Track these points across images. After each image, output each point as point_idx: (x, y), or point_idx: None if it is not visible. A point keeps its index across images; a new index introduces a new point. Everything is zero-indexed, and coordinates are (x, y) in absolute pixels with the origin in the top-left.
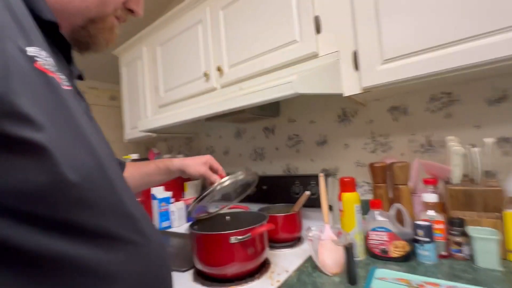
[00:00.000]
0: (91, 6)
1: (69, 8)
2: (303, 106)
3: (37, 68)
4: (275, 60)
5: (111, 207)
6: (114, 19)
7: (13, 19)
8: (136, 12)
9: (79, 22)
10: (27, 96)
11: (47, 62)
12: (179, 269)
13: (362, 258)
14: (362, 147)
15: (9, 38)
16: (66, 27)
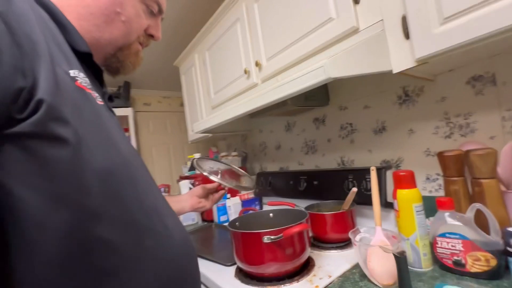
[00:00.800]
0: (119, 37)
1: (100, 41)
2: (354, 91)
3: (77, 86)
4: (311, 45)
5: (135, 201)
6: (138, 44)
7: (58, 49)
8: (156, 36)
9: (110, 51)
10: (69, 106)
11: (85, 81)
12: (224, 263)
13: (427, 269)
14: (432, 132)
15: (58, 64)
16: (99, 56)
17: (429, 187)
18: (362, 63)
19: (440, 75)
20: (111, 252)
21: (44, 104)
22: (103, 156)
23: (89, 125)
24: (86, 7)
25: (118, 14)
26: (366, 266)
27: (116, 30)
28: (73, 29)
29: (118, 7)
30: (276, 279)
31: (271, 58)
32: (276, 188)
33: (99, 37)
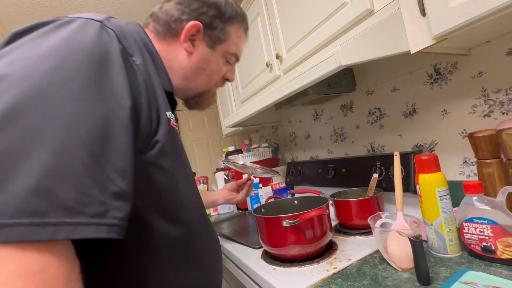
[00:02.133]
0: (201, 86)
1: (185, 88)
2: (381, 73)
3: (171, 125)
4: (327, 33)
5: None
6: (215, 88)
7: (162, 95)
8: (231, 79)
9: (191, 94)
10: (169, 144)
11: (173, 119)
12: (253, 246)
13: (454, 255)
14: (468, 112)
15: (164, 108)
16: (180, 95)
17: (467, 171)
18: (376, 46)
19: (475, 48)
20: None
21: (159, 143)
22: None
23: (177, 156)
24: (179, 64)
25: (204, 70)
26: (385, 250)
27: (200, 82)
28: (165, 72)
29: (204, 64)
30: (297, 260)
31: (291, 49)
32: (306, 177)
33: (185, 85)
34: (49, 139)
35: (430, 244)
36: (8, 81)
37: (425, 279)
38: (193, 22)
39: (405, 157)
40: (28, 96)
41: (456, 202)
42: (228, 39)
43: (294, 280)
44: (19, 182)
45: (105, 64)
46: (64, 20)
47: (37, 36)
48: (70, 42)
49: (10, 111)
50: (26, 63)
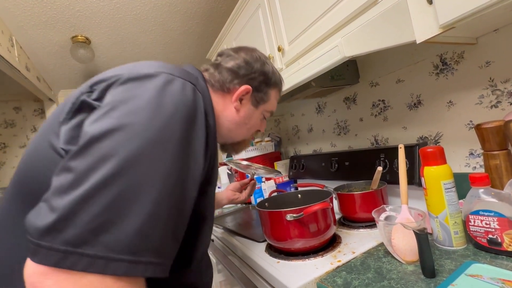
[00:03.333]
0: (240, 137)
1: (226, 137)
2: (385, 64)
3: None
4: (329, 23)
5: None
6: (250, 137)
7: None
8: (262, 130)
9: (229, 142)
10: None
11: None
12: (257, 240)
13: (459, 248)
14: (475, 102)
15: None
16: (219, 141)
17: (473, 163)
18: (381, 36)
19: (483, 36)
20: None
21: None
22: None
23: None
24: (226, 117)
25: (246, 124)
26: (390, 243)
27: (241, 133)
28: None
29: (247, 120)
30: (301, 254)
31: (293, 41)
32: (309, 170)
33: (226, 134)
34: (151, 189)
35: (435, 237)
36: (131, 131)
37: (430, 271)
38: (246, 87)
39: (410, 150)
40: (145, 148)
41: (462, 195)
42: (269, 100)
43: (298, 273)
44: (129, 223)
45: (194, 124)
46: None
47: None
48: (175, 103)
49: (131, 159)
50: (144, 116)
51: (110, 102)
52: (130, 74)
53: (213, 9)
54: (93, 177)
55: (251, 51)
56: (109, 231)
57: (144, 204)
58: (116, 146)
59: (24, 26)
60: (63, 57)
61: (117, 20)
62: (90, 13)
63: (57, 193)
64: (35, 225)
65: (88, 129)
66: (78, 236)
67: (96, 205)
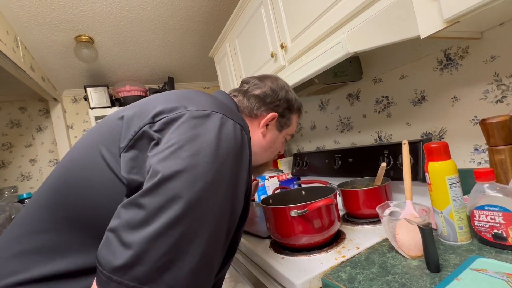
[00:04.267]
0: (264, 159)
1: (253, 161)
2: (388, 60)
3: None
4: (332, 20)
5: None
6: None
7: None
8: (282, 152)
9: (254, 164)
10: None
11: None
12: (261, 236)
13: (464, 243)
14: (480, 98)
15: None
16: None
17: (478, 158)
18: (384, 32)
19: (488, 31)
20: None
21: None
22: None
23: None
24: (253, 141)
25: (270, 148)
26: (394, 238)
27: (265, 156)
28: None
29: (271, 144)
30: (306, 250)
31: (295, 38)
32: (313, 167)
33: (254, 158)
34: (206, 229)
35: (440, 232)
36: (196, 173)
37: (435, 266)
38: (274, 114)
39: (414, 146)
40: (205, 190)
41: (466, 190)
42: (291, 125)
43: (303, 269)
44: (186, 263)
45: (240, 165)
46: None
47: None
48: (229, 146)
49: (194, 201)
50: (206, 159)
51: (178, 141)
52: (192, 112)
53: (215, 7)
54: (163, 216)
55: (276, 80)
56: (171, 270)
57: (200, 244)
58: (183, 187)
59: (29, 26)
60: (67, 57)
61: (119, 20)
62: (93, 13)
63: (129, 228)
64: (109, 260)
65: (158, 167)
66: (146, 274)
67: (164, 244)
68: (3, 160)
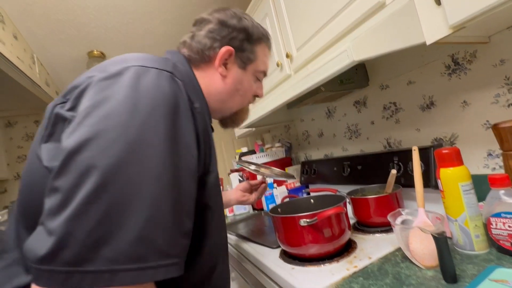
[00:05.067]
0: (236, 106)
1: (223, 109)
2: (395, 67)
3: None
4: (337, 29)
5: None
6: (248, 104)
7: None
8: (260, 95)
9: (227, 114)
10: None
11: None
12: (270, 246)
13: (481, 252)
14: (491, 102)
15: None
16: (216, 116)
17: (492, 163)
18: (389, 39)
19: (496, 34)
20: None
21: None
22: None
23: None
24: (216, 88)
25: (238, 90)
26: (407, 248)
27: (236, 102)
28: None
29: (238, 85)
30: (316, 260)
31: (301, 47)
32: (321, 175)
33: (222, 107)
34: (144, 191)
35: (455, 241)
36: (108, 137)
37: (451, 277)
38: (226, 48)
39: (425, 152)
40: (128, 152)
41: (481, 197)
42: (256, 59)
43: (314, 279)
44: (127, 231)
45: (177, 115)
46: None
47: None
48: (152, 97)
49: (115, 167)
50: (120, 119)
51: (83, 109)
52: (100, 74)
53: None
54: (80, 193)
55: (225, 9)
56: (108, 244)
57: (140, 209)
58: (96, 156)
59: (45, 44)
60: (80, 71)
61: (129, 35)
62: (105, 29)
63: (50, 215)
64: (35, 250)
65: (64, 143)
66: (77, 255)
67: (89, 221)
68: (18, 172)
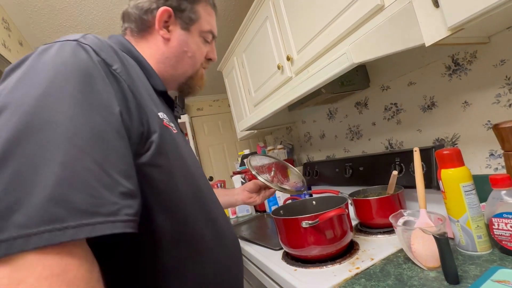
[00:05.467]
0: (188, 69)
1: (175, 75)
2: (396, 68)
3: (164, 125)
4: (337, 31)
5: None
6: (202, 69)
7: (150, 98)
8: (213, 58)
9: (182, 80)
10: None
11: (167, 119)
12: (273, 248)
13: (484, 252)
14: (492, 102)
15: (153, 110)
16: (174, 85)
17: (495, 164)
18: (389, 41)
19: (496, 35)
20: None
21: (153, 144)
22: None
23: (174, 154)
24: (162, 54)
25: (186, 52)
26: (409, 249)
27: (186, 65)
28: (154, 73)
29: (185, 47)
30: (318, 261)
31: (301, 50)
32: (323, 177)
33: (174, 73)
34: (54, 154)
35: (457, 242)
36: (9, 109)
37: (454, 277)
38: (163, 8)
39: (426, 152)
40: (28, 120)
41: (483, 197)
42: (199, 18)
43: (316, 281)
44: (37, 195)
45: (88, 78)
46: (43, 48)
47: (26, 67)
48: (53, 66)
49: (16, 136)
50: (21, 92)
51: None
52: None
53: (222, 23)
54: None
55: None
56: (18, 211)
57: (49, 172)
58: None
59: None
60: None
61: None
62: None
63: None
64: None
65: None
66: None
67: None
68: None
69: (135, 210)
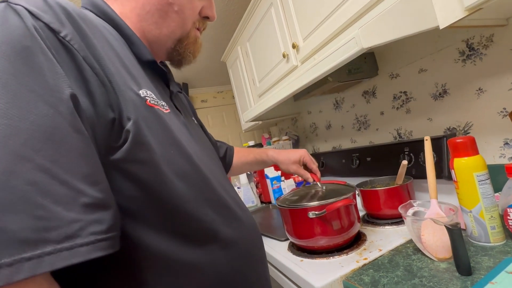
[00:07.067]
0: (176, 28)
1: (161, 37)
2: (406, 54)
3: (148, 105)
4: (344, 16)
5: (208, 200)
6: (196, 31)
7: (127, 72)
8: (211, 16)
9: (170, 45)
10: (145, 129)
11: (152, 98)
12: (279, 239)
13: (497, 243)
14: (508, 88)
15: (129, 88)
16: (161, 53)
17: (509, 153)
18: (400, 24)
19: None
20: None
21: (131, 134)
22: (177, 167)
23: (162, 143)
24: (142, 8)
25: (171, 5)
26: (419, 240)
27: (172, 22)
28: (137, 38)
29: None
30: (325, 252)
31: (307, 37)
32: (329, 168)
33: (159, 34)
34: None
35: (470, 233)
36: None
37: (466, 269)
38: None
39: (437, 142)
40: None
41: (498, 187)
42: None
43: (323, 272)
44: None
45: (23, 53)
46: None
47: None
48: None
49: None
50: None
51: None
52: None
53: (225, 12)
54: None
55: None
56: None
57: None
58: None
59: None
60: None
61: None
62: None
63: None
64: None
65: None
66: None
67: None
68: None
69: (107, 224)
